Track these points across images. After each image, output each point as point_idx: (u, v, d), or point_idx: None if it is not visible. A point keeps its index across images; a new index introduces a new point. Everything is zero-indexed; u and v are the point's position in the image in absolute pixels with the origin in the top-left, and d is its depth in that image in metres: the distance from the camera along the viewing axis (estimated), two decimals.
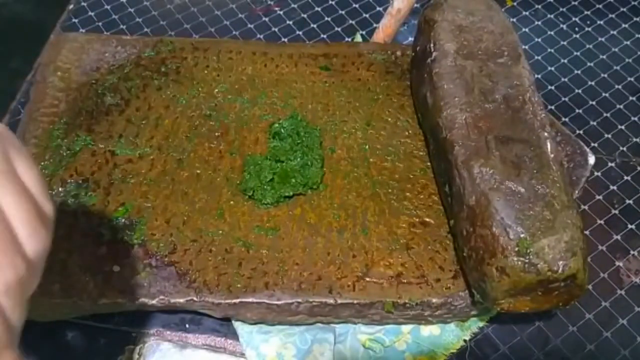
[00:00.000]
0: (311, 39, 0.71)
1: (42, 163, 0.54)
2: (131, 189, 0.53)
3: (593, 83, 0.69)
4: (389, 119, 0.59)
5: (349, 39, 0.71)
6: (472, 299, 0.48)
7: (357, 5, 0.74)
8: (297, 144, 0.56)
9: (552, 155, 0.47)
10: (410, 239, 0.52)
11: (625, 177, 0.61)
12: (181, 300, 0.48)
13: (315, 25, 0.72)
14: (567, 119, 0.65)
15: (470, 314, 0.51)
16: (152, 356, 0.49)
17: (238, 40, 0.69)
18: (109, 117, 0.58)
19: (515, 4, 0.76)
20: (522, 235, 0.43)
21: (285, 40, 0.70)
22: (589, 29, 0.74)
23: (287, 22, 0.72)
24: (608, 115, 0.66)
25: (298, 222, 0.52)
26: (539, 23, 0.74)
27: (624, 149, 0.64)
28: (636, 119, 0.66)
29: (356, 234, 0.52)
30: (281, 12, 0.73)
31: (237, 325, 0.50)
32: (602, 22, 0.74)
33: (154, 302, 0.48)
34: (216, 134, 0.57)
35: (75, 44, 0.63)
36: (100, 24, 0.71)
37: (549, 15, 0.75)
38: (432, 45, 0.54)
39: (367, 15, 0.73)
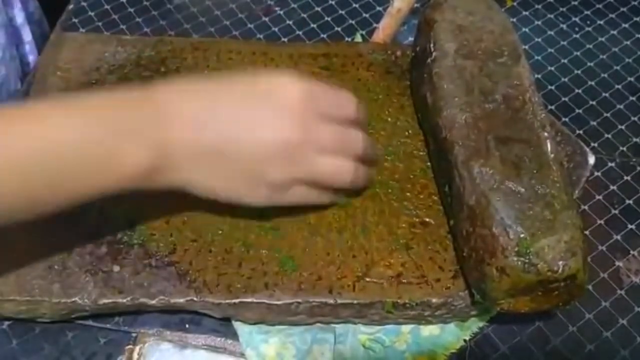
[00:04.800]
0: (311, 39, 0.71)
1: None
2: None
3: (593, 83, 0.69)
4: (389, 119, 0.59)
5: (349, 39, 0.71)
6: (472, 299, 0.48)
7: (357, 5, 0.74)
8: None
9: (552, 155, 0.47)
10: (410, 239, 0.52)
11: (625, 177, 0.61)
12: (181, 300, 0.48)
13: (315, 25, 0.72)
14: (567, 119, 0.65)
15: (470, 314, 0.51)
16: (152, 356, 0.49)
17: (238, 40, 0.69)
18: None
19: (515, 4, 0.76)
20: (522, 236, 0.43)
21: (285, 40, 0.70)
22: (589, 29, 0.74)
23: (287, 22, 0.72)
24: (608, 115, 0.66)
25: (298, 222, 0.52)
26: (539, 23, 0.74)
27: (624, 149, 0.64)
28: (636, 119, 0.66)
29: (356, 234, 0.52)
30: (281, 12, 0.73)
31: (237, 325, 0.50)
32: (602, 22, 0.74)
33: (154, 302, 0.48)
34: None
35: (75, 44, 0.63)
36: (100, 24, 0.71)
37: (549, 15, 0.75)
38: (432, 45, 0.54)
39: (367, 15, 0.73)
